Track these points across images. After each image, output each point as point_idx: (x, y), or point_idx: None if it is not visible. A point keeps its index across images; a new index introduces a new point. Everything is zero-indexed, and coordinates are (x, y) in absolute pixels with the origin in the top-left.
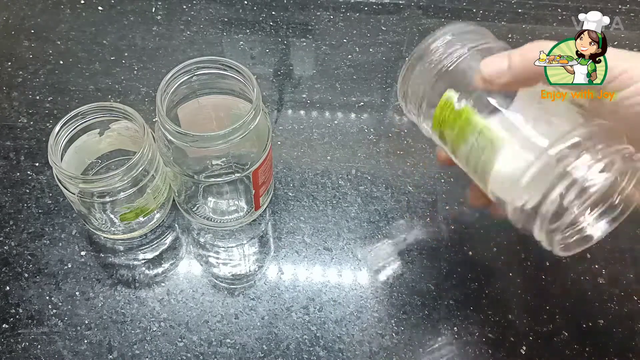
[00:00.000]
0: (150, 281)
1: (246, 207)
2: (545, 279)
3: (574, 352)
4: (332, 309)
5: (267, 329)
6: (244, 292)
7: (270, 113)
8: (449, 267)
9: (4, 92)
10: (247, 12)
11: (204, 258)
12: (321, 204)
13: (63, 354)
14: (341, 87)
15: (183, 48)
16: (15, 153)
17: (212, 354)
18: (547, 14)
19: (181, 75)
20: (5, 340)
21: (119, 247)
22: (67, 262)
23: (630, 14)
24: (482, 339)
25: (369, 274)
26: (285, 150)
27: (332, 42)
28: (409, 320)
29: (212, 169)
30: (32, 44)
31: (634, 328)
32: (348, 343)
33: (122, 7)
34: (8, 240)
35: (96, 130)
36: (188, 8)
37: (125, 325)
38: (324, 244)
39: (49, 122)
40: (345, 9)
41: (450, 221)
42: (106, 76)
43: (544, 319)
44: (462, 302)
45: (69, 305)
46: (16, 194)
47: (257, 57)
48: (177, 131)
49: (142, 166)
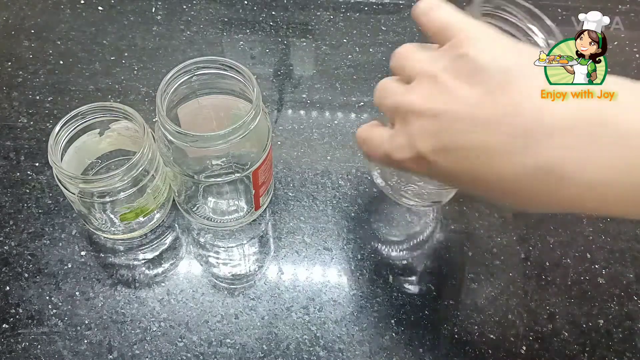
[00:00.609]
0: (150, 281)
1: (246, 207)
2: (545, 279)
3: (574, 352)
4: (332, 309)
5: (267, 329)
6: (244, 292)
7: (270, 113)
8: (449, 267)
9: (4, 92)
10: (247, 12)
11: (204, 258)
12: (321, 204)
13: (63, 354)
14: (341, 87)
15: (183, 48)
16: (15, 153)
17: (212, 354)
18: (547, 14)
19: (181, 75)
20: (5, 340)
21: (119, 247)
22: (67, 262)
23: (630, 14)
24: (482, 339)
25: (369, 274)
26: (285, 150)
27: (332, 42)
28: (409, 320)
29: (212, 169)
30: (32, 44)
31: (634, 328)
32: (348, 343)
33: (122, 7)
34: (8, 240)
35: (96, 130)
36: (188, 8)
37: (125, 325)
38: (324, 244)
39: (49, 122)
40: (345, 9)
41: (450, 221)
42: (106, 76)
43: (544, 319)
44: (462, 302)
45: (69, 305)
46: (16, 194)
47: (257, 57)
48: (177, 131)
49: (142, 166)
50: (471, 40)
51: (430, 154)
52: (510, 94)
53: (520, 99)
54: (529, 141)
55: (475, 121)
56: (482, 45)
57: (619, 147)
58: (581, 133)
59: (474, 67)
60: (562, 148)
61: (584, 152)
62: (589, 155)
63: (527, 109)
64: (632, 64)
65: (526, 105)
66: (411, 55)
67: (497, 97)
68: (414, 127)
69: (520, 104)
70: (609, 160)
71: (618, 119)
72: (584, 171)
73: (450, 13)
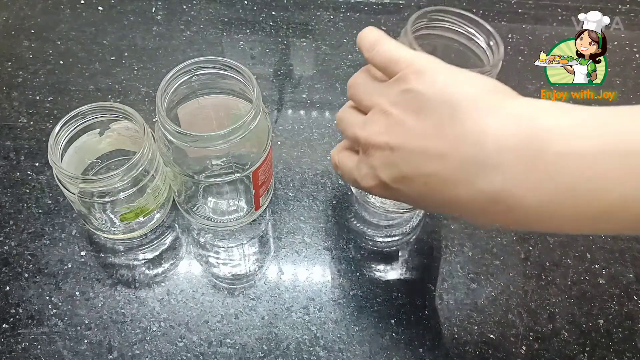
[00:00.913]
0: (150, 281)
1: (246, 207)
2: (545, 279)
3: (574, 352)
4: (332, 309)
5: (267, 329)
6: (244, 292)
7: (270, 113)
8: (449, 267)
9: (4, 92)
10: (247, 12)
11: (204, 258)
12: (321, 204)
13: (63, 354)
14: (341, 87)
15: (183, 48)
16: (15, 153)
17: (212, 354)
18: (547, 14)
19: (181, 75)
20: (5, 340)
21: (119, 247)
22: (67, 262)
23: (630, 14)
24: (482, 339)
25: (369, 274)
26: (285, 150)
27: (332, 42)
28: (409, 320)
29: (212, 169)
30: (32, 44)
31: (634, 328)
32: (348, 343)
33: (122, 7)
34: (8, 240)
35: (96, 130)
36: (188, 8)
37: (125, 325)
38: (324, 244)
39: (49, 122)
40: (345, 9)
41: (450, 221)
42: (106, 76)
43: (544, 319)
44: (462, 302)
45: (69, 305)
46: (16, 194)
47: (257, 57)
48: (177, 131)
49: (142, 166)
50: (415, 75)
51: (392, 183)
52: (456, 126)
53: (465, 131)
54: (477, 172)
55: (428, 153)
56: (426, 79)
57: (554, 173)
58: (522, 162)
59: (420, 102)
60: (507, 178)
61: (526, 181)
62: (530, 183)
63: (472, 141)
64: (632, 64)
65: (471, 137)
66: (362, 88)
67: (444, 130)
68: (374, 159)
69: (466, 136)
70: (548, 186)
71: (551, 145)
72: (527, 198)
73: (393, 47)
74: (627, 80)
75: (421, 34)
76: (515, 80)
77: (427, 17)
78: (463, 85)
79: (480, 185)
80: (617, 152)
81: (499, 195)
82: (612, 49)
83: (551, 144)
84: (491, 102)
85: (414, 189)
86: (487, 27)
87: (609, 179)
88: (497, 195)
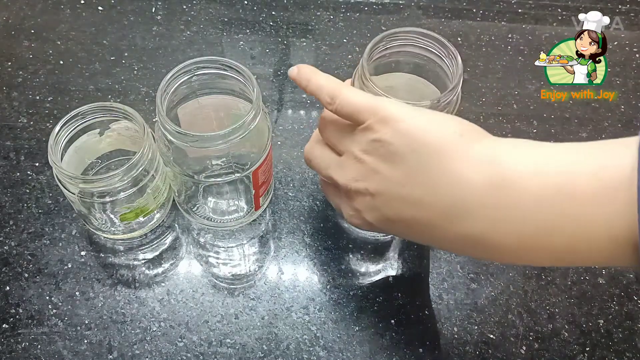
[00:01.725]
0: (150, 281)
1: (246, 207)
2: (545, 279)
3: (574, 352)
4: (332, 309)
5: (267, 329)
6: (244, 292)
7: (270, 113)
8: (448, 267)
9: (4, 92)
10: (247, 12)
11: (204, 258)
12: (321, 204)
13: (63, 354)
14: None
15: (183, 48)
16: (15, 153)
17: (212, 354)
18: (547, 14)
19: (181, 75)
20: (5, 340)
21: (119, 247)
22: (67, 262)
23: (630, 14)
24: (482, 339)
25: (369, 274)
26: (285, 150)
27: (332, 42)
28: (409, 320)
29: (212, 169)
30: (32, 44)
31: (634, 328)
32: (348, 343)
33: (122, 7)
34: (8, 240)
35: (96, 130)
36: (188, 8)
37: (125, 325)
38: (324, 244)
39: (49, 122)
40: (345, 9)
41: None
42: (106, 76)
43: (544, 319)
44: (462, 302)
45: (69, 305)
46: (16, 194)
47: (257, 57)
48: (177, 131)
49: (142, 166)
50: (380, 125)
51: (377, 223)
52: (425, 174)
53: (435, 179)
54: (451, 218)
55: (406, 200)
56: (392, 127)
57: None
58: (492, 206)
59: (390, 151)
60: (481, 222)
61: (499, 223)
62: (503, 224)
63: (443, 189)
64: (632, 64)
65: (441, 185)
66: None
67: (417, 178)
68: (357, 203)
69: (438, 184)
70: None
71: (514, 188)
72: (503, 238)
73: (353, 96)
74: (627, 80)
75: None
76: (515, 80)
77: (385, 40)
78: (428, 132)
79: (457, 230)
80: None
81: (477, 239)
82: (612, 49)
83: (514, 187)
84: (456, 147)
85: (398, 229)
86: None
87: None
88: (475, 238)
